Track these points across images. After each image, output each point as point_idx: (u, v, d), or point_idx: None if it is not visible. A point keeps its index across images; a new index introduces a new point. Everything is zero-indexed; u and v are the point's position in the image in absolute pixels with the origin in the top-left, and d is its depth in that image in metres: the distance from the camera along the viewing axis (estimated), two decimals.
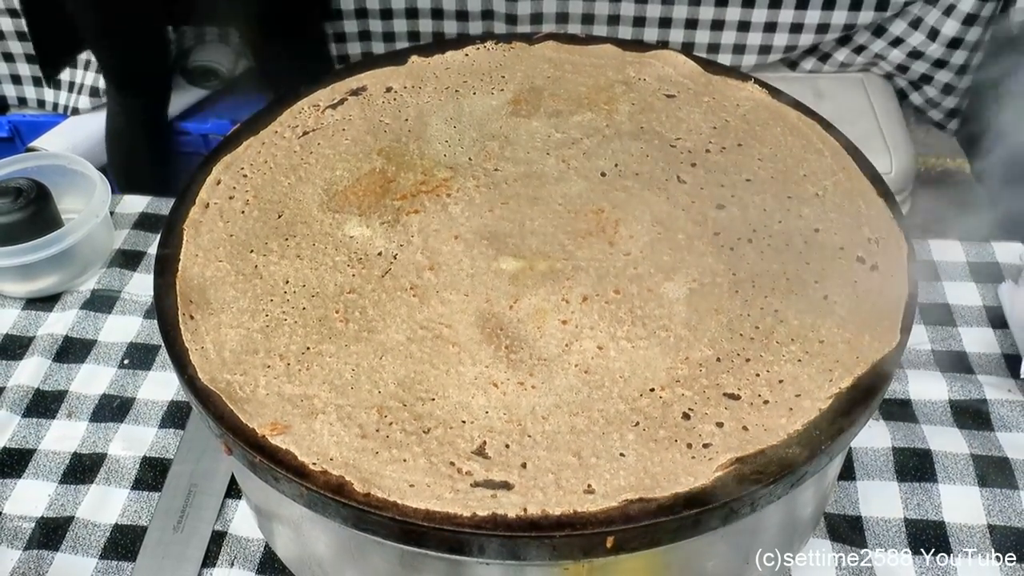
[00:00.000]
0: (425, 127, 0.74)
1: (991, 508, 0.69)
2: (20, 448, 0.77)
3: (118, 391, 0.81)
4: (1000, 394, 0.77)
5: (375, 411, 0.53)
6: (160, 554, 0.69)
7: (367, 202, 0.67)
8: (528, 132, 0.72)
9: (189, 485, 0.73)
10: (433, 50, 0.82)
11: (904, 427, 0.75)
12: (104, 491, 0.74)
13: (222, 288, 0.61)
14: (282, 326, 0.58)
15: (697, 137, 0.71)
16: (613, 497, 0.48)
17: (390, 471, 0.50)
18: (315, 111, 0.76)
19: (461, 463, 0.50)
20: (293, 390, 0.55)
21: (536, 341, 0.57)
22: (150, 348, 0.85)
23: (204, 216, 0.66)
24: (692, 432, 0.52)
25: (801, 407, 0.53)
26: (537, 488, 0.49)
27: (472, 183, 0.68)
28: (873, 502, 0.70)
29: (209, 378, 0.55)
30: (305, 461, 0.51)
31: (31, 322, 0.88)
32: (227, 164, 0.70)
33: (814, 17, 1.60)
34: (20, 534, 0.71)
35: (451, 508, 0.48)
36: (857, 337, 0.56)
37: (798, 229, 0.64)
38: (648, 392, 0.54)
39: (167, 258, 0.63)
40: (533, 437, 0.52)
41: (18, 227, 0.88)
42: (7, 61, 1.55)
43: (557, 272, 0.61)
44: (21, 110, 1.63)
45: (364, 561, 0.56)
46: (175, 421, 0.79)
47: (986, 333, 0.83)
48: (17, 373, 0.83)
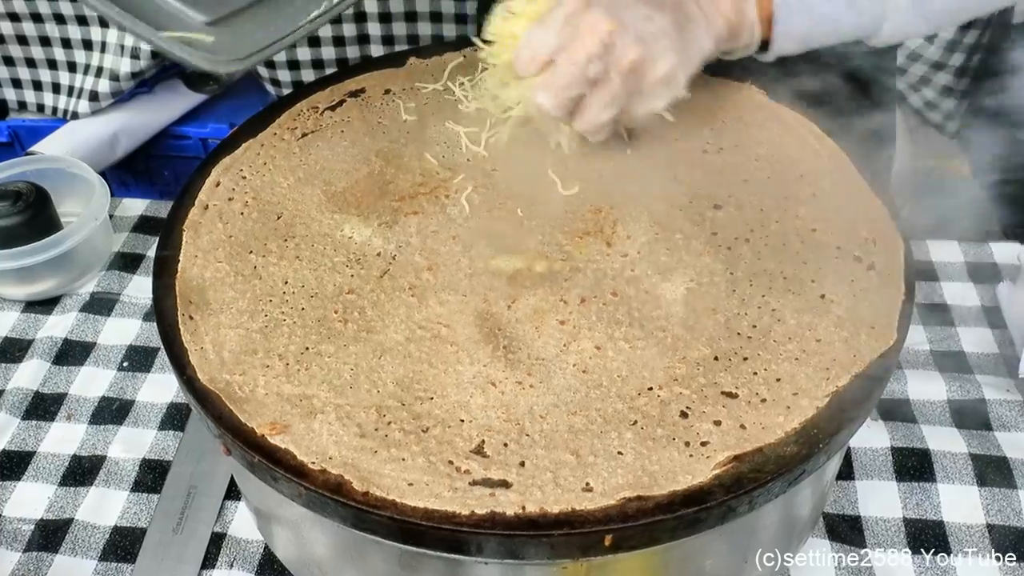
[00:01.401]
0: (423, 129, 0.74)
1: (990, 507, 0.69)
2: (20, 450, 0.77)
3: (117, 393, 0.81)
4: (998, 394, 0.77)
5: (374, 410, 0.53)
6: (159, 556, 0.69)
7: (366, 203, 0.67)
8: (526, 133, 0.72)
9: (188, 487, 0.73)
10: (431, 52, 0.83)
11: (903, 427, 0.75)
12: (103, 493, 0.74)
13: (221, 289, 0.61)
14: (281, 326, 0.59)
15: (694, 138, 0.71)
16: (611, 495, 0.49)
17: (389, 470, 0.50)
18: (314, 113, 0.76)
19: (460, 462, 0.51)
20: (292, 390, 0.55)
21: (534, 341, 0.57)
22: (149, 350, 0.85)
23: (203, 218, 0.66)
24: (690, 431, 0.52)
25: (799, 405, 0.53)
26: (535, 486, 0.49)
27: (470, 184, 0.68)
28: (872, 502, 0.70)
29: (208, 378, 0.55)
30: (304, 461, 0.51)
31: (30, 325, 0.88)
32: (226, 166, 0.71)
33: None
34: (20, 536, 0.71)
35: (450, 507, 0.48)
36: (854, 336, 0.56)
37: (795, 229, 0.64)
38: (646, 391, 0.54)
39: (166, 259, 0.63)
40: (531, 436, 0.52)
41: (17, 230, 0.88)
42: (7, 65, 1.55)
43: (555, 273, 0.61)
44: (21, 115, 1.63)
45: (363, 561, 0.56)
46: (174, 423, 0.79)
47: (984, 333, 0.83)
48: (16, 376, 0.83)
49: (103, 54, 1.47)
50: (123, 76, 1.45)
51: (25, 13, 1.46)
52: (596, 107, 0.63)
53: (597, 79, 0.61)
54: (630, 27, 0.60)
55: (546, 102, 0.63)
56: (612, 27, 0.60)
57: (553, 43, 0.62)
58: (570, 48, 0.61)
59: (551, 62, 0.62)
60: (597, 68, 0.60)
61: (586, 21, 0.61)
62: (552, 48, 0.62)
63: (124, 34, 1.44)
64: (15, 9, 1.45)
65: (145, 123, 1.53)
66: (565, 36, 0.61)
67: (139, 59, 1.43)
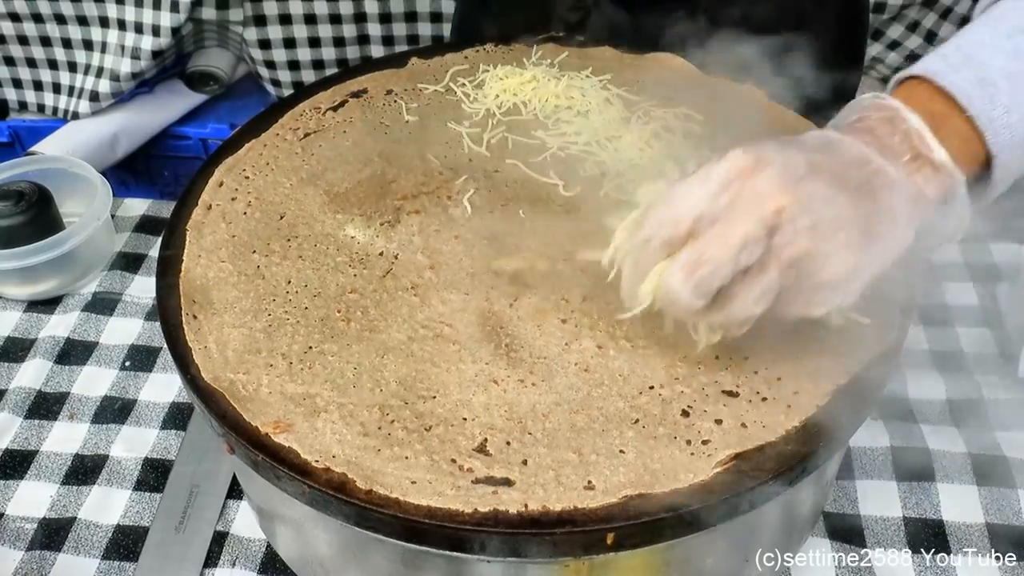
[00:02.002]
0: (425, 129, 0.75)
1: (989, 507, 0.70)
2: (22, 450, 0.77)
3: (119, 393, 0.82)
4: (998, 393, 0.77)
5: (377, 409, 0.54)
6: (162, 554, 0.69)
7: (368, 203, 0.68)
8: (528, 133, 0.73)
9: (191, 486, 0.74)
10: (433, 53, 0.83)
11: (902, 426, 0.75)
12: (106, 492, 0.74)
13: (225, 289, 0.61)
14: (284, 326, 0.59)
15: (695, 137, 0.72)
16: (613, 493, 0.49)
17: (392, 468, 0.50)
18: (316, 113, 0.76)
19: (462, 460, 0.51)
20: (295, 389, 0.55)
21: (536, 340, 0.57)
22: (151, 350, 0.85)
23: (207, 218, 0.67)
24: (691, 429, 0.52)
25: (799, 404, 0.53)
26: (538, 485, 0.49)
27: (472, 184, 0.68)
28: (872, 501, 0.71)
29: (212, 377, 0.55)
30: (308, 459, 0.51)
31: (32, 324, 0.89)
32: (229, 166, 0.71)
33: None
34: (22, 535, 0.71)
35: (452, 505, 0.48)
36: (854, 335, 0.57)
37: None
38: (647, 390, 0.54)
39: (170, 259, 0.63)
40: (534, 434, 0.52)
41: (19, 230, 0.89)
42: (8, 65, 1.55)
43: (557, 272, 0.61)
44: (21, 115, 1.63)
45: (366, 560, 0.57)
46: (176, 422, 0.79)
47: (984, 333, 0.84)
48: (19, 375, 0.83)
49: (103, 54, 1.47)
50: (123, 76, 1.45)
51: (26, 13, 1.46)
52: (743, 301, 0.48)
53: (750, 267, 0.47)
54: (805, 207, 0.47)
55: (681, 288, 0.48)
56: (784, 203, 0.46)
57: (704, 210, 0.47)
58: (725, 221, 0.47)
59: (696, 234, 0.48)
60: (753, 254, 0.47)
61: (752, 189, 0.47)
62: (701, 216, 0.48)
63: (125, 34, 1.44)
64: (16, 9, 1.46)
65: (145, 123, 1.54)
66: (722, 204, 0.47)
67: (139, 59, 1.44)
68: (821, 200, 0.47)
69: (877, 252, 0.49)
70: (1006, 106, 0.50)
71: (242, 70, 1.63)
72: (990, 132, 0.50)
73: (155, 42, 1.42)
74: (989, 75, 0.51)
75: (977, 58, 0.52)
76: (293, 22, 1.51)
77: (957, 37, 0.54)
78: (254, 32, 1.51)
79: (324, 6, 1.50)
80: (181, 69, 1.59)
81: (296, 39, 1.53)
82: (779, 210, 0.46)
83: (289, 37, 1.52)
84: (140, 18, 1.42)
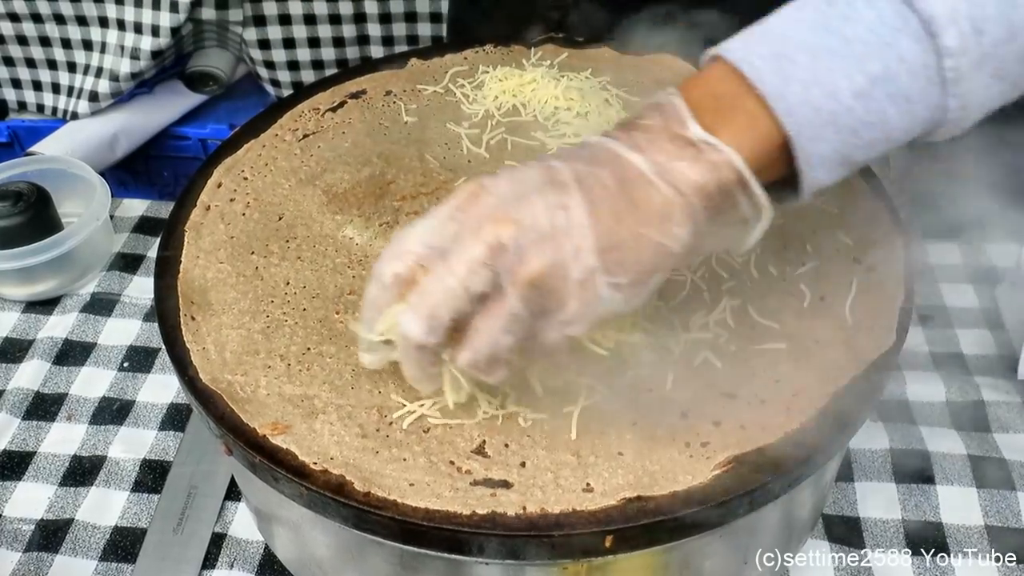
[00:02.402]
0: (424, 130, 0.74)
1: (988, 509, 0.70)
2: (20, 451, 0.77)
3: (118, 394, 0.82)
4: (997, 395, 0.77)
5: (375, 411, 0.54)
6: (160, 556, 0.69)
7: (367, 204, 0.68)
8: (527, 134, 0.73)
9: (189, 487, 0.74)
10: (432, 54, 0.83)
11: (902, 428, 0.75)
12: (104, 493, 0.74)
13: (223, 290, 0.61)
14: (283, 327, 0.59)
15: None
16: (612, 495, 0.49)
17: (390, 470, 0.50)
18: (315, 114, 0.76)
19: (461, 462, 0.51)
20: (294, 390, 0.55)
21: None
22: (150, 351, 0.85)
23: (205, 218, 0.67)
24: (690, 431, 0.52)
25: (798, 407, 0.53)
26: (536, 487, 0.49)
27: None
28: (871, 503, 0.71)
29: (210, 378, 0.55)
30: (305, 461, 0.51)
31: (31, 325, 0.89)
32: (228, 167, 0.71)
33: None
34: (20, 536, 0.71)
35: (451, 507, 0.48)
36: (853, 338, 0.57)
37: (795, 230, 0.64)
38: (646, 391, 0.54)
39: (168, 260, 0.63)
40: (532, 436, 0.52)
41: (18, 230, 0.88)
42: (7, 65, 1.55)
43: None
44: (20, 115, 1.63)
45: (364, 561, 0.57)
46: (175, 424, 0.79)
47: (983, 335, 0.84)
48: (17, 376, 0.83)
49: (103, 54, 1.47)
50: (123, 76, 1.45)
51: (25, 13, 1.46)
52: (488, 332, 0.46)
53: (486, 294, 0.46)
54: (530, 225, 0.45)
55: (411, 323, 0.46)
56: (503, 223, 0.45)
57: (432, 243, 0.47)
58: (451, 251, 0.46)
59: (427, 270, 0.47)
60: (483, 277, 0.45)
61: (473, 216, 0.46)
62: (430, 251, 0.47)
63: (124, 34, 1.44)
64: (15, 9, 1.45)
65: (145, 123, 1.53)
66: (447, 236, 0.46)
67: (139, 59, 1.44)
68: (554, 207, 0.45)
69: (638, 252, 0.46)
70: (803, 81, 0.45)
71: (242, 70, 1.63)
72: (782, 109, 0.45)
73: (154, 42, 1.42)
74: (787, 49, 0.45)
75: (777, 31, 0.47)
76: (293, 22, 1.51)
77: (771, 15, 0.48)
78: (253, 32, 1.51)
79: (324, 6, 1.50)
80: (181, 69, 1.59)
81: (296, 39, 1.53)
82: (498, 231, 0.45)
83: (288, 37, 1.52)
84: (139, 18, 1.41)
